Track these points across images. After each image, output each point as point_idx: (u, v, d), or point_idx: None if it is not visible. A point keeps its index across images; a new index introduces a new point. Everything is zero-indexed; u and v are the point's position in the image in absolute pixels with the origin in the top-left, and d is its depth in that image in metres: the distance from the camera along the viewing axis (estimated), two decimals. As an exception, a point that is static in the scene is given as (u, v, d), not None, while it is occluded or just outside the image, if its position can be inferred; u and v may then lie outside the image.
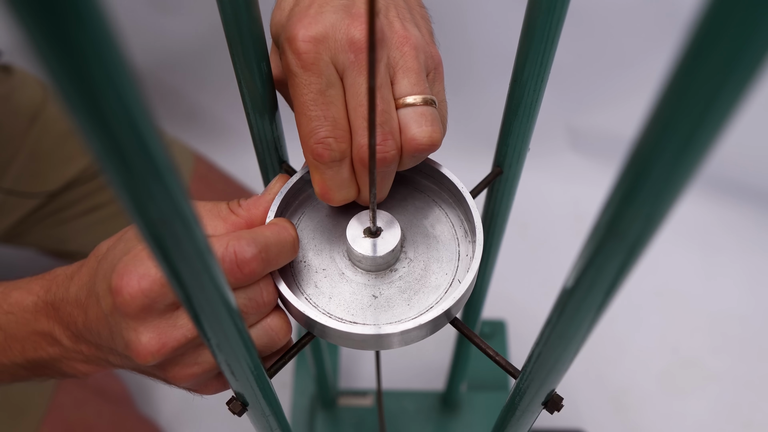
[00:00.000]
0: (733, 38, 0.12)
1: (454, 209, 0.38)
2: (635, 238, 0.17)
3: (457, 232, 0.37)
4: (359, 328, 0.32)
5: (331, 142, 0.32)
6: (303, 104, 0.32)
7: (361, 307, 0.34)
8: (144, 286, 0.29)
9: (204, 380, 0.34)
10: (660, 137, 0.14)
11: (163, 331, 0.31)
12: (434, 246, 0.36)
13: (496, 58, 1.06)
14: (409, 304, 0.34)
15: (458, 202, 0.37)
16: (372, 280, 0.35)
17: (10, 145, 0.76)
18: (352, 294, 0.35)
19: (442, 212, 0.37)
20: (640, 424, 0.96)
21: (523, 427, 0.33)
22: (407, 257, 0.36)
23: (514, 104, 0.37)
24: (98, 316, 0.33)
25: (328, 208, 0.38)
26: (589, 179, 1.16)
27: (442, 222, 0.37)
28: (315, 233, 0.37)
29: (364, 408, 0.87)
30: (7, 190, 0.76)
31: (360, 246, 0.34)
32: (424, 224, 0.37)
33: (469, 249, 0.36)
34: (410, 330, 0.32)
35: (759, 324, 1.04)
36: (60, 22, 0.12)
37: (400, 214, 0.37)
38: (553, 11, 0.32)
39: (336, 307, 0.34)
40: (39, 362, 0.38)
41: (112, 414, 0.82)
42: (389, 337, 0.32)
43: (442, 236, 0.37)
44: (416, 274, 0.35)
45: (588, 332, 0.23)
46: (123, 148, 0.15)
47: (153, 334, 0.31)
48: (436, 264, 0.36)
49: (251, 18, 0.33)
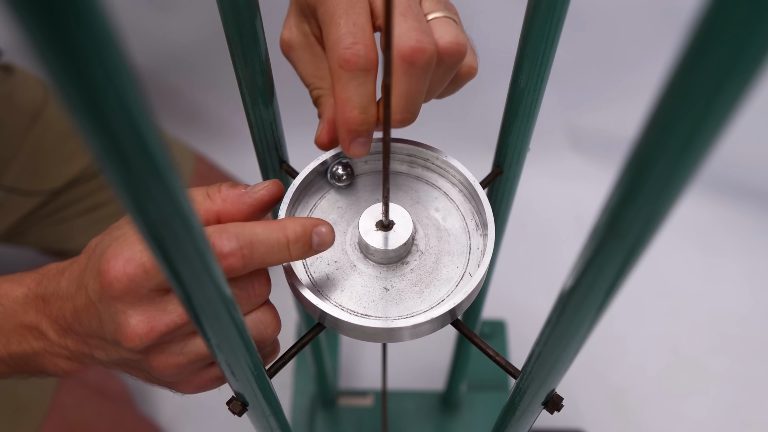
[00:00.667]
0: (733, 38, 0.12)
1: (466, 202, 0.38)
2: (635, 238, 0.17)
3: (469, 225, 0.37)
4: (371, 322, 0.32)
5: (360, 49, 0.32)
6: (333, 14, 0.33)
7: (372, 300, 0.35)
8: (129, 270, 0.30)
9: (187, 374, 0.34)
10: (660, 137, 0.14)
11: (153, 315, 0.31)
12: (445, 239, 0.37)
13: (496, 58, 1.06)
14: (420, 297, 0.35)
15: (470, 195, 0.38)
16: (384, 272, 0.35)
17: (12, 144, 0.76)
18: (364, 287, 0.35)
19: (453, 205, 0.38)
20: (640, 424, 0.96)
21: (523, 427, 0.33)
22: (419, 250, 0.36)
23: (514, 104, 0.37)
24: (87, 304, 0.33)
25: (340, 200, 0.38)
26: (589, 179, 1.16)
27: (453, 215, 0.37)
28: (328, 212, 0.38)
29: (364, 408, 0.87)
30: (9, 188, 0.76)
31: (372, 239, 0.34)
32: (436, 217, 0.37)
33: (481, 242, 0.36)
34: (422, 324, 0.32)
35: (759, 324, 1.04)
36: (60, 22, 0.12)
37: (412, 207, 0.38)
38: (553, 11, 0.32)
39: (348, 299, 0.35)
40: (22, 356, 0.38)
41: (112, 414, 0.82)
42: (400, 330, 0.32)
43: (453, 229, 0.37)
44: (427, 267, 0.36)
45: (588, 332, 0.23)
46: (123, 148, 0.15)
47: (142, 317, 0.31)
48: (448, 257, 0.36)
49: (251, 18, 0.33)
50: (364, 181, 0.39)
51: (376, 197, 0.38)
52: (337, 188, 0.39)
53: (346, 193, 0.39)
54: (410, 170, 0.39)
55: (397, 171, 0.39)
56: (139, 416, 0.88)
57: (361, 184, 0.39)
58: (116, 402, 0.86)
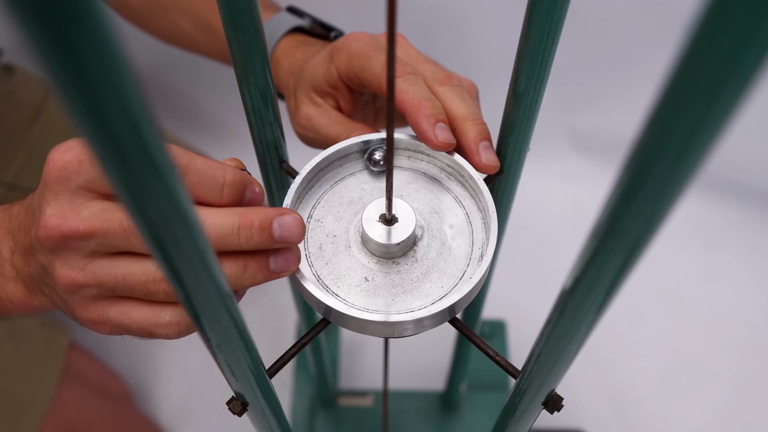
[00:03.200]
0: (733, 38, 0.12)
1: (470, 199, 0.38)
2: (635, 238, 0.17)
3: (473, 253, 0.36)
4: (373, 315, 0.32)
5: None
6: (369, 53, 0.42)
7: (348, 284, 0.35)
8: (65, 157, 0.30)
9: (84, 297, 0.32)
10: (660, 137, 0.14)
11: (66, 213, 0.30)
12: (444, 257, 0.36)
13: (496, 58, 1.06)
14: (394, 300, 0.34)
15: (474, 193, 0.38)
16: (372, 263, 0.35)
17: (12, 141, 0.76)
18: (347, 269, 0.35)
19: (468, 228, 0.37)
20: (640, 424, 0.96)
21: (523, 427, 0.33)
22: (414, 255, 0.36)
23: (514, 104, 0.37)
24: (30, 199, 0.33)
25: (366, 179, 0.39)
26: (589, 179, 1.16)
27: (464, 237, 0.37)
28: (344, 200, 0.38)
29: (364, 408, 0.87)
30: (9, 185, 0.76)
31: (371, 227, 0.35)
32: (446, 233, 0.37)
33: (483, 242, 0.36)
34: (424, 318, 0.32)
35: (759, 324, 1.04)
36: (60, 22, 0.12)
37: (429, 215, 0.38)
38: (553, 11, 0.32)
39: (328, 274, 0.35)
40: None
41: (113, 413, 0.82)
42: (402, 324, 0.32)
43: (456, 251, 0.36)
44: (415, 275, 0.35)
45: (588, 332, 0.23)
46: (123, 148, 0.15)
47: (56, 211, 0.30)
48: (442, 260, 0.36)
49: (251, 18, 0.33)
50: (402, 175, 0.40)
51: (399, 194, 0.38)
52: (371, 171, 0.39)
53: (378, 179, 0.39)
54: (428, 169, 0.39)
55: (420, 170, 0.40)
56: (139, 416, 0.89)
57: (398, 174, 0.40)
58: (116, 401, 0.86)
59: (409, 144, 0.39)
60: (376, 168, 0.39)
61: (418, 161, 0.40)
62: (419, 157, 0.40)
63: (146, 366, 1.01)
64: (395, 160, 0.39)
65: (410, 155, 0.40)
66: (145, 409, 0.97)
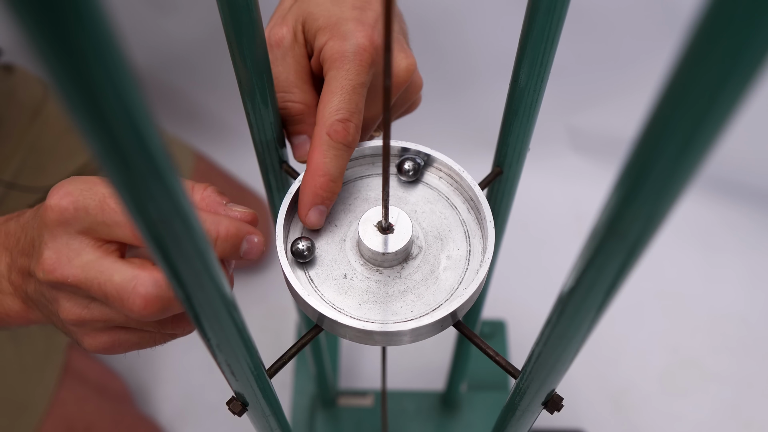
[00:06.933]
0: (733, 38, 0.12)
1: (466, 206, 0.38)
2: (635, 238, 0.17)
3: (469, 231, 0.37)
4: (369, 325, 0.32)
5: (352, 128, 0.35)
6: (338, 77, 0.35)
7: (326, 275, 0.35)
8: (63, 203, 0.30)
9: (90, 329, 0.33)
10: (660, 137, 0.14)
11: (62, 258, 0.30)
12: (436, 270, 0.36)
13: (496, 58, 1.06)
14: (360, 305, 0.34)
15: (470, 201, 0.37)
16: (358, 264, 0.35)
17: (11, 140, 0.76)
18: (330, 262, 0.35)
19: (465, 238, 0.37)
20: (640, 424, 0.96)
21: (523, 427, 0.33)
22: (400, 271, 0.35)
23: (514, 104, 0.37)
24: (32, 228, 0.33)
25: (393, 184, 0.38)
26: (589, 179, 1.16)
27: (459, 248, 0.36)
28: (360, 196, 0.38)
29: (364, 408, 0.87)
30: (8, 183, 0.76)
31: (365, 228, 0.34)
32: (440, 258, 0.36)
33: (480, 250, 0.36)
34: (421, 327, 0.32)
35: (759, 324, 1.04)
36: (60, 22, 0.12)
37: (433, 240, 0.37)
38: (553, 11, 0.32)
39: (309, 262, 0.35)
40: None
41: (112, 412, 0.82)
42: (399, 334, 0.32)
43: (451, 262, 0.36)
44: (392, 290, 0.35)
45: (588, 332, 0.23)
46: (123, 148, 0.15)
47: (53, 254, 0.30)
48: (424, 286, 0.35)
49: (251, 18, 0.33)
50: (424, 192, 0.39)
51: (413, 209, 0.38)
52: (399, 180, 0.39)
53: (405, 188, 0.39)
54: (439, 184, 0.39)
55: (444, 193, 0.38)
56: (139, 415, 0.89)
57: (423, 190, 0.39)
58: (116, 401, 0.86)
59: (442, 165, 0.38)
60: (404, 177, 0.38)
61: (446, 184, 0.39)
62: (448, 181, 0.38)
63: (146, 366, 1.01)
64: (424, 176, 0.39)
65: (441, 176, 0.39)
66: (145, 409, 0.97)
